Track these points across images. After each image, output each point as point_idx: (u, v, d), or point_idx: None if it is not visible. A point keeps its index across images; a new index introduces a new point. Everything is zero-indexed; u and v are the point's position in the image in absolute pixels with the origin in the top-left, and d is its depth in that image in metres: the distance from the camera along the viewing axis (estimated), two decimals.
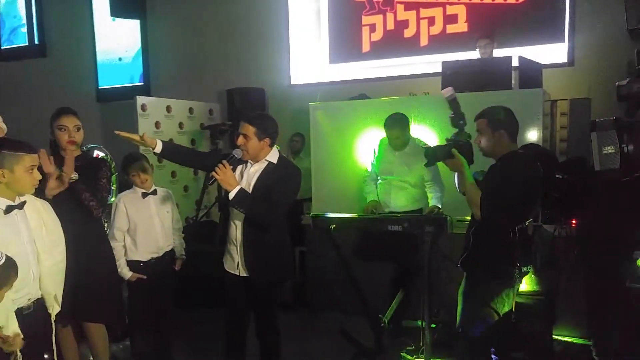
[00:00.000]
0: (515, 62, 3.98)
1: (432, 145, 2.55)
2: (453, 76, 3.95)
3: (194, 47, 6.26)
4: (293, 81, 5.79)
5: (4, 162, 2.02)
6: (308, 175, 4.52)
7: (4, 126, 2.68)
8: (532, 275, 3.38)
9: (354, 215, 3.45)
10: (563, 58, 4.81)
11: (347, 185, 4.28)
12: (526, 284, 3.34)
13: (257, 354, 2.90)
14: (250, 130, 2.57)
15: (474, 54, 4.47)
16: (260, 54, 5.89)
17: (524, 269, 2.46)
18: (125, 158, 3.24)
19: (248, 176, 2.68)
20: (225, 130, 5.13)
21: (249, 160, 2.69)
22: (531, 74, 4.01)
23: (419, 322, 3.35)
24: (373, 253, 3.85)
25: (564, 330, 3.50)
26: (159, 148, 2.66)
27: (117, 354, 3.51)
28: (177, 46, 6.38)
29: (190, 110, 5.47)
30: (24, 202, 2.15)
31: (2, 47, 7.35)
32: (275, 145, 2.72)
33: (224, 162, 2.51)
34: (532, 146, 3.20)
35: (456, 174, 2.64)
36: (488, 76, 3.94)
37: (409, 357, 3.39)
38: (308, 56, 5.76)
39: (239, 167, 2.70)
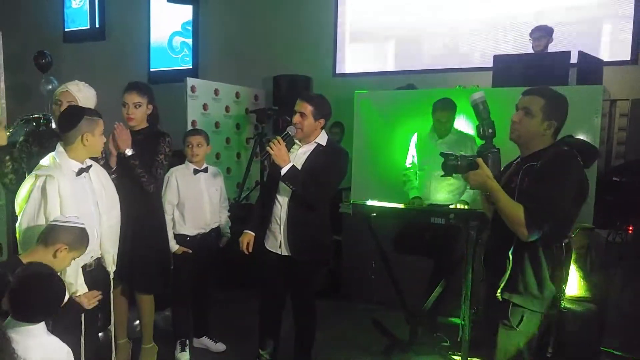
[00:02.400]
0: (574, 58, 3.79)
1: (450, 154, 2.13)
2: (505, 70, 3.88)
3: (242, 33, 6.38)
4: (338, 70, 5.83)
5: (87, 127, 2.19)
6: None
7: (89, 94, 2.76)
8: (582, 281, 3.27)
9: (397, 205, 3.44)
10: (626, 55, 4.59)
11: (388, 176, 4.29)
12: (577, 289, 3.22)
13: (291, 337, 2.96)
14: (308, 108, 2.61)
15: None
16: (307, 42, 5.96)
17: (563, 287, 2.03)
18: (189, 130, 3.42)
19: (297, 157, 2.70)
20: (270, 115, 5.22)
21: (298, 142, 2.73)
22: (591, 71, 3.84)
23: (454, 319, 3.35)
24: (412, 245, 3.86)
25: (614, 343, 3.20)
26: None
27: (158, 322, 3.64)
28: (227, 32, 6.51)
29: (237, 94, 5.59)
30: (91, 166, 2.31)
31: (66, 30, 7.69)
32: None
33: (278, 138, 2.57)
34: (571, 140, 2.96)
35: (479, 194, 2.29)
36: (543, 71, 3.72)
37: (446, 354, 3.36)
38: (354, 46, 5.79)
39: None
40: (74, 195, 2.14)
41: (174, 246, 3.19)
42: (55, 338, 1.71)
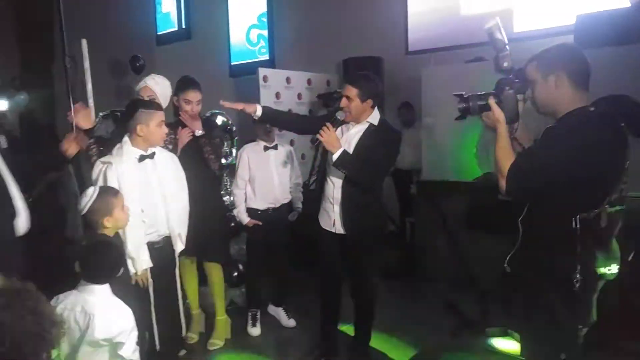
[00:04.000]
0: None
1: (461, 94, 1.93)
2: (590, 30, 3.54)
3: (314, 19, 6.47)
4: (411, 48, 5.71)
5: (141, 119, 2.41)
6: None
7: (165, 85, 3.01)
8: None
9: (462, 181, 3.35)
10: None
11: (458, 153, 4.17)
12: None
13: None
14: (352, 92, 2.59)
15: None
16: (378, 22, 5.89)
17: (603, 270, 1.73)
18: None
19: (348, 137, 2.71)
20: (337, 98, 5.26)
21: (351, 122, 2.73)
22: None
23: None
24: (483, 224, 3.73)
25: None
26: (258, 113, 2.77)
27: (235, 298, 3.91)
28: (299, 20, 6.64)
29: (309, 81, 5.70)
30: (154, 153, 2.54)
31: (158, 33, 8.34)
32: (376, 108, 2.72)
33: (328, 124, 2.58)
34: (615, 99, 2.35)
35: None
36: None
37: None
38: (426, 21, 5.62)
39: (340, 128, 2.73)
40: (134, 180, 2.38)
41: (245, 219, 3.40)
42: (118, 300, 1.93)
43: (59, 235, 4.05)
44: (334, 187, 2.74)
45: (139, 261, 2.37)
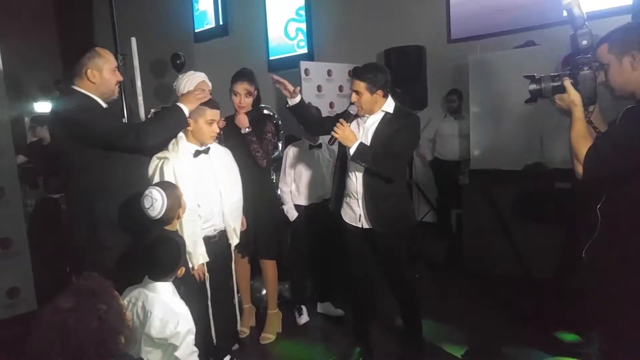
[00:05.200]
0: None
1: (531, 75, 1.82)
2: None
3: (353, 11, 6.40)
4: (454, 35, 5.56)
5: (192, 114, 2.42)
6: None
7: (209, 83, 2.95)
8: None
9: (514, 169, 3.23)
10: None
11: (508, 141, 4.04)
12: None
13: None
14: (360, 85, 2.54)
15: None
16: (419, 11, 5.78)
17: None
18: None
19: (365, 129, 2.66)
20: None
21: (365, 115, 2.66)
22: None
23: None
24: (536, 214, 3.60)
25: None
26: (295, 101, 2.77)
27: (283, 292, 3.92)
28: (338, 11, 6.59)
29: (349, 73, 5.64)
30: (209, 148, 2.55)
31: (196, 31, 8.44)
32: (389, 95, 2.64)
33: (341, 120, 2.54)
34: None
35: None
36: None
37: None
38: (469, 8, 5.46)
39: (356, 122, 2.69)
40: (190, 175, 2.39)
41: (293, 214, 3.45)
42: (179, 301, 1.94)
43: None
44: (356, 181, 2.69)
45: (196, 256, 2.38)
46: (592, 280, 1.84)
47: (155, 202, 2.08)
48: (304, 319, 3.51)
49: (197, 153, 2.49)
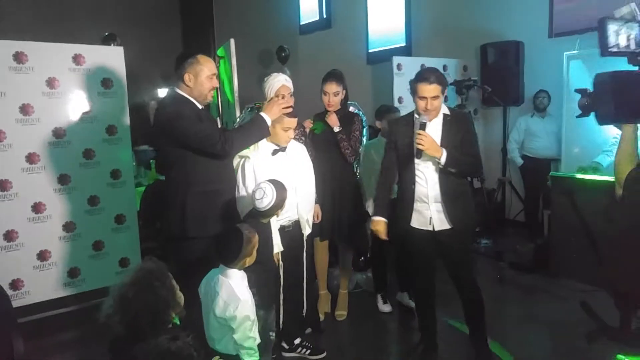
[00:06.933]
0: None
1: (583, 90, 1.77)
2: None
3: (451, 5, 6.30)
4: (556, 30, 5.25)
5: (274, 122, 2.66)
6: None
7: (289, 85, 3.07)
8: None
9: (601, 178, 3.07)
10: None
11: (599, 147, 3.82)
12: None
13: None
14: (438, 89, 2.55)
15: None
16: (518, 5, 5.54)
17: None
18: (381, 106, 3.76)
19: (430, 131, 2.60)
20: (470, 85, 5.12)
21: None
22: None
23: None
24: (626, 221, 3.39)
25: None
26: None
27: (360, 281, 4.14)
28: (436, 6, 6.53)
29: (444, 67, 5.58)
30: (285, 147, 2.82)
31: (301, 24, 8.82)
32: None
33: (421, 131, 2.54)
34: None
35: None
36: None
37: None
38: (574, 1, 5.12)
39: (404, 125, 2.76)
40: (268, 171, 2.65)
41: (373, 207, 3.57)
42: (245, 290, 2.15)
43: None
44: (427, 185, 2.69)
45: (273, 245, 2.61)
46: None
47: (265, 197, 2.37)
48: (387, 307, 3.68)
49: (275, 152, 2.77)
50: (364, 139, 4.32)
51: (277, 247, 2.64)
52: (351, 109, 4.09)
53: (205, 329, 2.20)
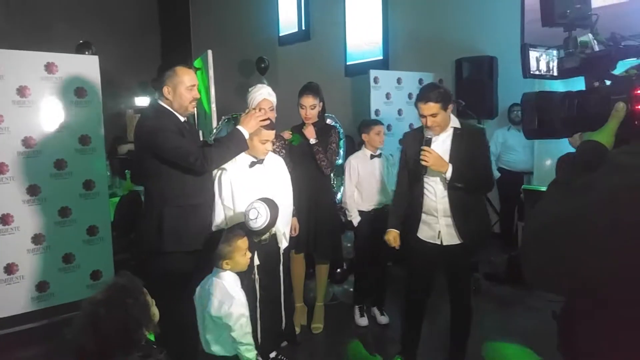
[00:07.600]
0: None
1: None
2: None
3: (427, 19, 6.42)
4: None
5: (251, 134, 2.65)
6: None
7: (271, 99, 3.06)
8: None
9: None
10: None
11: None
12: None
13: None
14: (436, 107, 2.54)
15: None
16: (493, 19, 5.68)
17: None
18: (364, 121, 3.80)
19: (438, 145, 2.64)
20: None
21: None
22: None
23: None
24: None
25: None
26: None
27: (338, 294, 4.12)
28: (412, 20, 6.62)
29: (420, 81, 5.65)
30: (263, 159, 2.81)
31: (280, 35, 8.84)
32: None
33: (426, 147, 2.55)
34: None
35: None
36: None
37: None
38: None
39: (412, 140, 2.77)
40: (245, 184, 2.65)
41: (356, 219, 3.64)
42: (238, 289, 2.21)
43: None
44: (436, 198, 2.69)
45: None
46: None
47: (260, 217, 2.40)
48: (364, 321, 3.66)
49: (252, 164, 2.76)
50: (341, 151, 4.35)
51: (254, 261, 2.64)
52: (328, 121, 4.11)
53: (201, 333, 2.24)
